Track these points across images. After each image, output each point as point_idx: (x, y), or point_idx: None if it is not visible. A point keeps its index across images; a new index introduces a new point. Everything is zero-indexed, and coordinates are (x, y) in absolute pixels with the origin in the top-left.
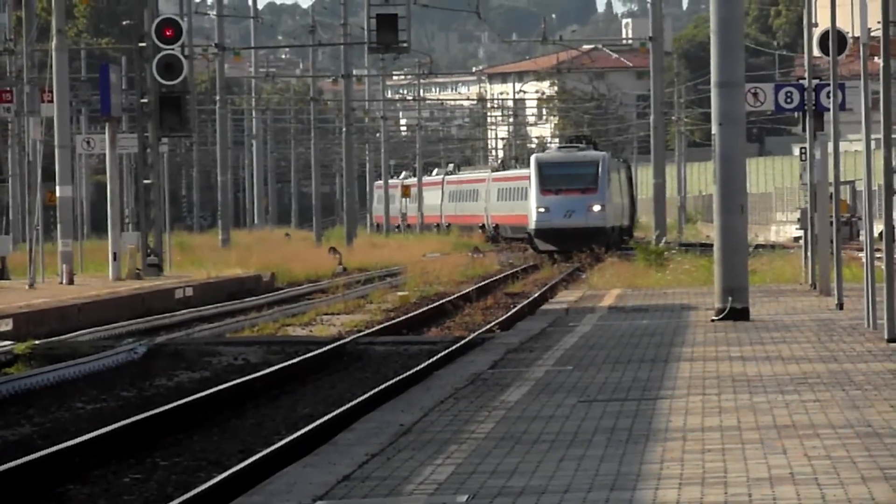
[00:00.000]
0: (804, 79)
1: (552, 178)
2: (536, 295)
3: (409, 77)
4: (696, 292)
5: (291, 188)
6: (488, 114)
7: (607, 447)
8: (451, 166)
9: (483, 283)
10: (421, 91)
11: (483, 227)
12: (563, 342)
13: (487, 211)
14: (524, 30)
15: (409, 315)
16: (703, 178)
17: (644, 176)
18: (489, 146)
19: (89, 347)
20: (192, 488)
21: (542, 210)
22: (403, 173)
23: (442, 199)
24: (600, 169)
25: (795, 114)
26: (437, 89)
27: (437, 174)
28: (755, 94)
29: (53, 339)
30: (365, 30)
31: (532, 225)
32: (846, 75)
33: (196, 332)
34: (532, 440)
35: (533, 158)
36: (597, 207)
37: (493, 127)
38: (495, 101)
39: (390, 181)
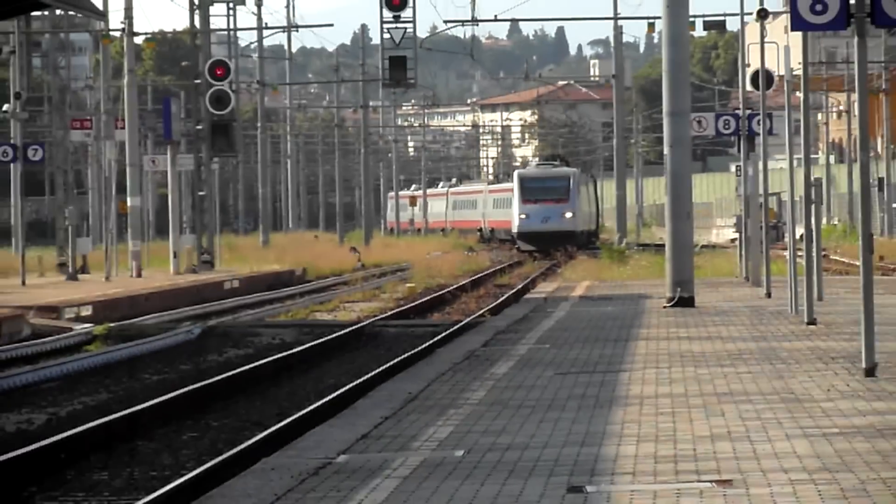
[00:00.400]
0: (739, 109)
1: (531, 190)
2: (520, 286)
3: (415, 107)
4: (650, 284)
5: (319, 198)
6: (480, 137)
7: (578, 411)
8: (454, 180)
9: (476, 276)
10: (425, 119)
11: (481, 230)
12: (542, 325)
13: (485, 217)
14: (510, 69)
15: (416, 303)
16: (656, 190)
17: (608, 189)
18: (481, 164)
19: (155, 329)
20: (238, 444)
21: (523, 216)
22: (413, 186)
23: (446, 208)
24: (571, 182)
25: (732, 138)
26: (439, 117)
27: (441, 187)
28: (699, 122)
29: (125, 322)
30: (379, 69)
31: (515, 229)
32: (773, 106)
33: (241, 316)
34: (516, 405)
35: (516, 174)
36: (568, 214)
37: (485, 148)
38: (486, 127)
39: (401, 192)
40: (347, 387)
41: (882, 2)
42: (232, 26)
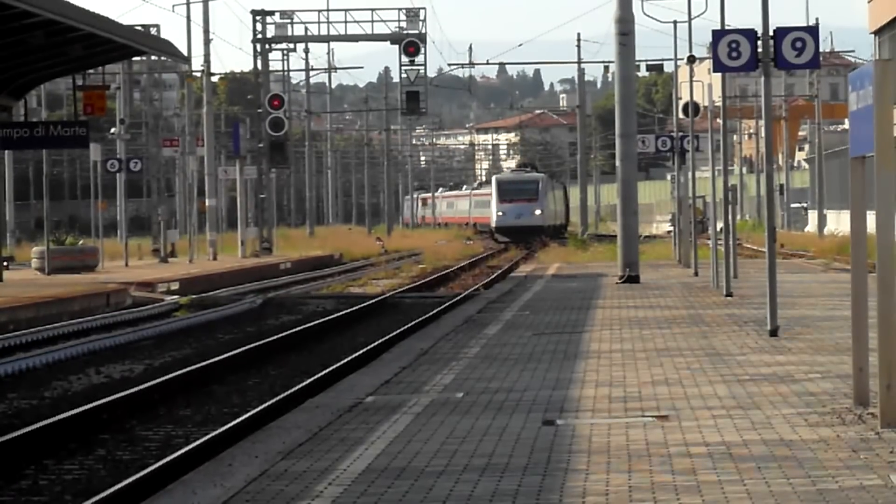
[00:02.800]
0: (674, 132)
1: (507, 192)
2: (506, 267)
3: (426, 130)
4: (606, 265)
5: (353, 199)
6: (476, 153)
7: (551, 363)
8: (476, 184)
9: (472, 259)
10: (433, 139)
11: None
12: (523, 297)
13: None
14: (498, 101)
15: (426, 280)
16: (611, 193)
17: (574, 193)
18: (477, 175)
19: (226, 300)
20: (291, 388)
21: (500, 213)
22: (440, 189)
23: (469, 206)
24: (540, 185)
25: (668, 153)
26: (444, 138)
27: (465, 189)
28: (643, 142)
29: (204, 294)
30: (399, 101)
31: (493, 224)
32: (699, 130)
33: (293, 290)
34: (503, 358)
35: (493, 178)
36: (538, 212)
37: (479, 162)
38: (480, 146)
39: (436, 194)
40: (374, 344)
41: (782, 50)
42: (286, 68)
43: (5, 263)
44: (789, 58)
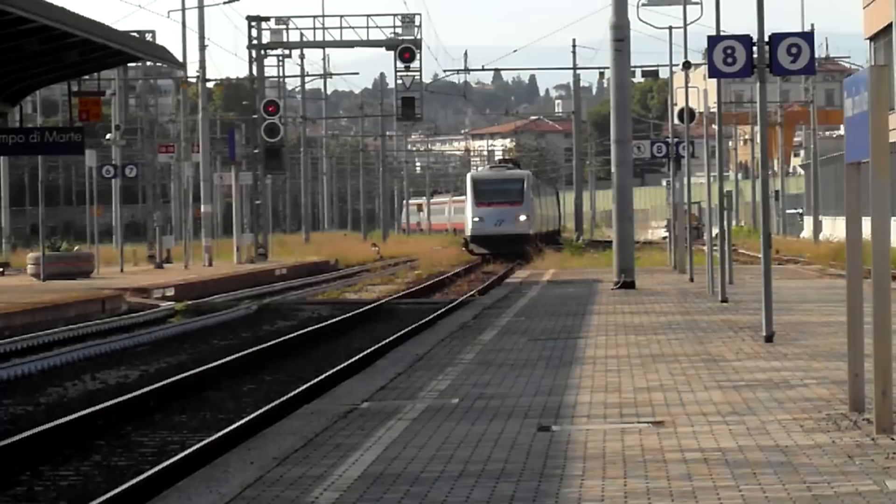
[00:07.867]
0: (669, 138)
1: (485, 193)
2: (501, 273)
3: (421, 136)
4: (602, 271)
5: (348, 206)
6: (471, 159)
7: (546, 368)
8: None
9: (468, 265)
10: (429, 145)
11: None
12: (519, 302)
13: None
14: (494, 107)
15: (422, 286)
16: (606, 199)
17: (569, 199)
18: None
19: (222, 306)
20: (286, 393)
21: (476, 219)
22: (451, 193)
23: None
24: (525, 185)
25: (663, 159)
26: (439, 144)
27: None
28: (638, 147)
29: (199, 300)
30: (394, 107)
31: (468, 231)
32: (695, 135)
33: (288, 296)
34: (499, 364)
35: (469, 176)
36: (523, 217)
37: (475, 168)
38: (476, 152)
39: (432, 199)
40: (369, 350)
41: (778, 56)
42: (281, 74)
43: (1, 269)
44: (785, 64)
